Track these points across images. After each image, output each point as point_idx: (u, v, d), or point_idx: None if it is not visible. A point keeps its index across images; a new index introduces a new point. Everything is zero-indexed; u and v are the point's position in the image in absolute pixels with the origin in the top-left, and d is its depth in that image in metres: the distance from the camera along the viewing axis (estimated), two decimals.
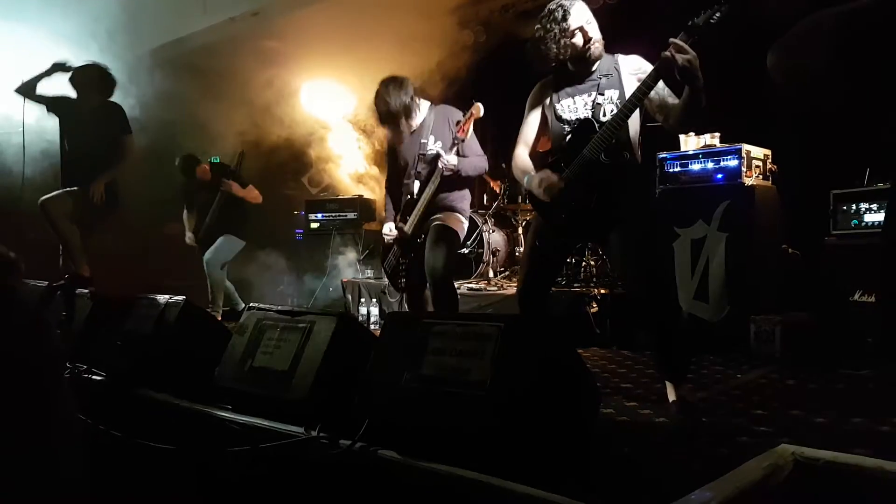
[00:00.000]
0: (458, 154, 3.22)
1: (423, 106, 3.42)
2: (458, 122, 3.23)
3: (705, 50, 2.19)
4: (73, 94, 4.26)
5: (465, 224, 3.44)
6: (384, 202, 3.69)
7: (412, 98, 3.30)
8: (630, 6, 4.43)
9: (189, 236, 5.44)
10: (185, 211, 5.52)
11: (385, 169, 3.69)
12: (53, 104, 4.32)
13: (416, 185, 3.36)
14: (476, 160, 3.32)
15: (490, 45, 5.96)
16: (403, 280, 3.41)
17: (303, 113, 6.86)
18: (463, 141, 3.20)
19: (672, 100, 2.35)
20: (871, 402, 2.61)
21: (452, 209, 3.36)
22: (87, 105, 4.26)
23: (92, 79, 4.25)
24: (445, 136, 3.28)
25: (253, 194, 5.27)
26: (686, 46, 2.13)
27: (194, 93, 5.59)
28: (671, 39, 2.15)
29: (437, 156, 3.21)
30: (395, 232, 3.42)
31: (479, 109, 3.19)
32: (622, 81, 2.45)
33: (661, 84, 2.29)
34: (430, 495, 1.57)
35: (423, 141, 3.34)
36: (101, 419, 2.27)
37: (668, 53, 2.15)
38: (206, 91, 5.76)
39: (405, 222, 3.37)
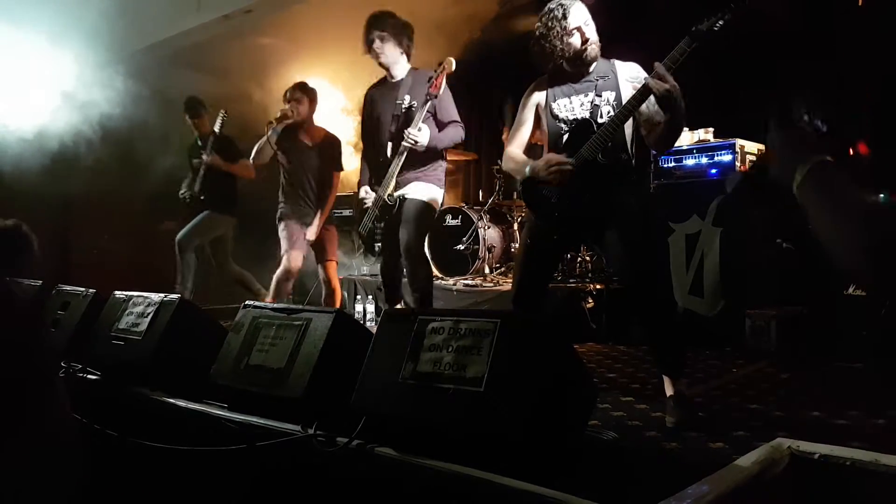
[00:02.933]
0: (433, 113, 3.22)
1: (404, 66, 3.40)
2: (430, 79, 3.22)
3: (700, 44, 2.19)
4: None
5: (441, 193, 3.44)
6: (360, 164, 3.68)
7: (405, 43, 3.35)
8: (632, 8, 4.42)
9: (182, 193, 5.02)
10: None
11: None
12: (280, 144, 4.28)
13: (390, 146, 3.34)
14: (450, 132, 3.30)
15: (487, 40, 5.94)
16: (379, 245, 3.41)
17: None
18: (436, 97, 3.19)
19: (659, 117, 2.36)
20: (866, 396, 2.63)
21: (427, 179, 3.35)
22: (309, 138, 4.32)
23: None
24: (420, 95, 3.26)
25: (240, 168, 4.83)
26: (666, 76, 2.15)
27: (188, 90, 5.55)
28: (655, 64, 2.18)
29: (409, 111, 3.21)
30: (371, 195, 3.42)
31: (450, 64, 3.20)
32: (619, 85, 2.46)
33: (651, 99, 2.31)
34: (428, 492, 1.57)
35: (398, 101, 3.33)
36: (96, 418, 2.27)
37: (648, 80, 2.19)
38: (199, 89, 5.72)
39: (379, 185, 3.35)
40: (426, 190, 3.31)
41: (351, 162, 7.24)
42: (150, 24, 5.89)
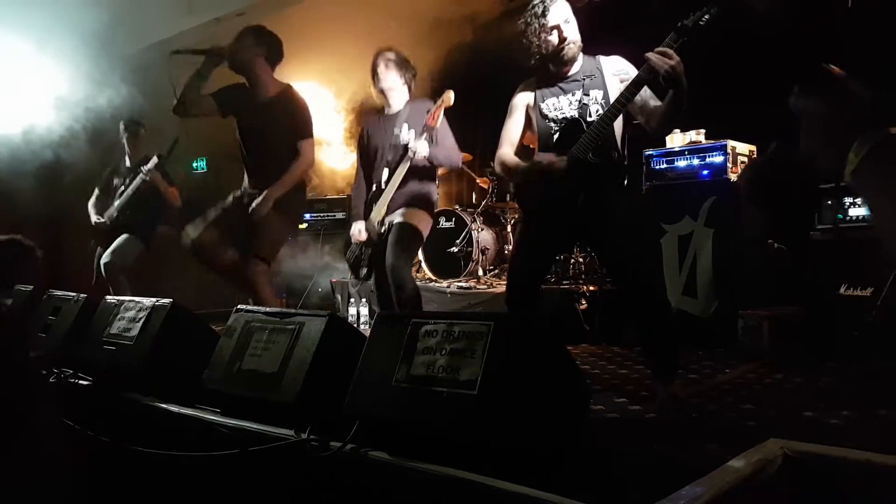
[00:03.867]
0: (430, 142, 3.22)
1: (402, 97, 3.42)
2: (428, 111, 3.23)
3: (689, 44, 2.20)
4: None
5: (430, 221, 3.44)
6: (353, 192, 3.65)
7: (407, 76, 3.37)
8: (618, 5, 4.44)
9: (95, 218, 4.79)
10: (96, 189, 4.91)
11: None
12: (223, 101, 3.41)
13: (385, 173, 3.34)
14: (449, 152, 3.31)
15: (478, 44, 5.95)
16: (364, 270, 3.40)
17: None
18: (433, 129, 3.20)
19: (654, 102, 2.36)
20: (858, 396, 2.64)
21: (418, 205, 3.34)
22: (262, 92, 3.36)
23: (255, 52, 3.32)
24: (418, 126, 3.27)
25: (173, 192, 4.67)
26: (670, 52, 2.14)
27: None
28: (656, 49, 2.16)
29: (407, 144, 3.21)
30: (364, 235, 3.41)
31: (449, 97, 3.22)
32: (605, 82, 2.47)
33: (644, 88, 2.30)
34: (422, 496, 1.57)
35: (395, 131, 3.34)
36: (88, 424, 2.25)
37: (652, 58, 2.17)
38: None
39: (371, 211, 3.35)
40: (414, 215, 3.32)
41: (342, 160, 7.24)
42: (143, 28, 5.86)
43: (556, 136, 2.49)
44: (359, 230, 3.43)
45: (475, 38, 6.02)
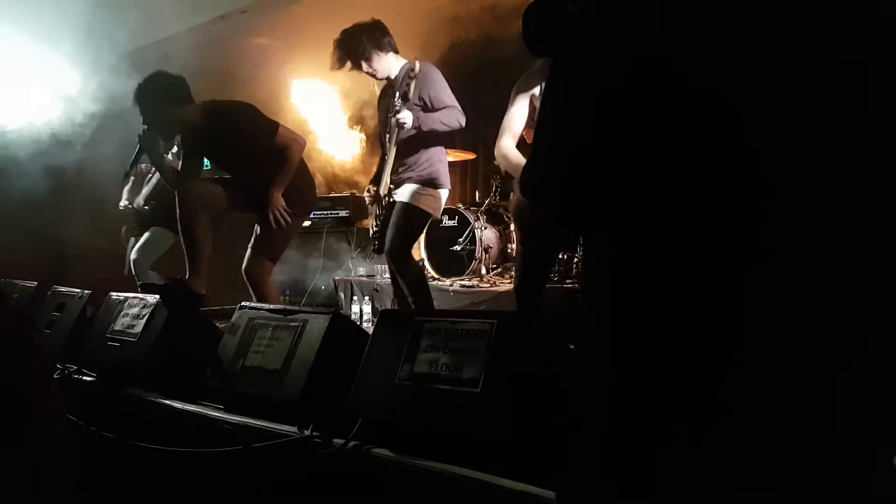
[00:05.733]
0: (424, 103, 3.17)
1: (398, 63, 3.37)
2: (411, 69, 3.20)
3: None
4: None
5: (438, 198, 3.36)
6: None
7: (373, 43, 3.26)
8: None
9: (123, 203, 4.82)
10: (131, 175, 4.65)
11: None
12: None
13: (388, 142, 3.34)
14: (444, 113, 3.20)
15: (486, 39, 5.95)
16: (376, 243, 3.41)
17: (293, 111, 6.83)
18: (414, 78, 3.13)
19: None
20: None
21: (422, 181, 3.29)
22: (196, 127, 3.29)
23: (160, 106, 3.22)
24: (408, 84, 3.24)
25: None
26: None
27: None
28: None
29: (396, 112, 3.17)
30: (369, 196, 3.44)
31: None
32: None
33: None
34: (424, 493, 1.57)
35: (394, 98, 3.31)
36: (92, 420, 2.26)
37: None
38: (194, 91, 5.71)
39: (379, 182, 3.34)
40: (413, 191, 3.28)
41: (345, 153, 7.24)
42: (146, 25, 5.87)
43: None
44: (367, 190, 3.48)
45: (481, 35, 6.01)
